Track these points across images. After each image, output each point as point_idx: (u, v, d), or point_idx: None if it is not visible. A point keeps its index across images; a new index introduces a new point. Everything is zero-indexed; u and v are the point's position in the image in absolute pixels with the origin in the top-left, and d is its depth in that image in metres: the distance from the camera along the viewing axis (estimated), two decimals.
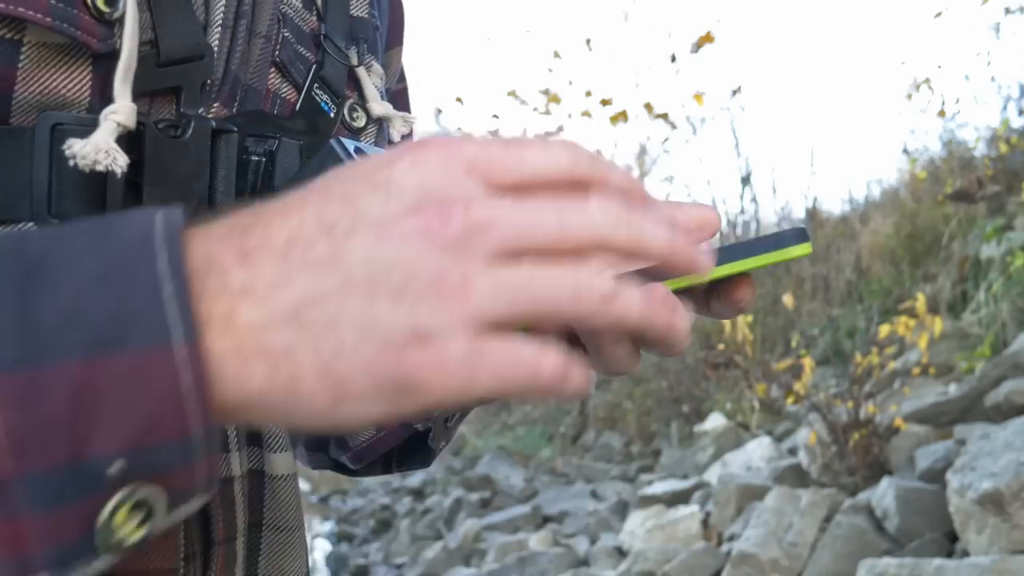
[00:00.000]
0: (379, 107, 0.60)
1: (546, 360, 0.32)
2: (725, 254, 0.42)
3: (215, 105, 0.50)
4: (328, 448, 0.71)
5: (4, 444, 0.30)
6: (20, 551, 0.30)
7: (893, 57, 13.09)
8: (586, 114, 9.80)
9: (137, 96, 0.45)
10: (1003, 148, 5.31)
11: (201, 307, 0.32)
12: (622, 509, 4.67)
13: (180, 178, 0.47)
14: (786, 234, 0.42)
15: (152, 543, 0.45)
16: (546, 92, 10.11)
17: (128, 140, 0.45)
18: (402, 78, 0.76)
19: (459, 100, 10.72)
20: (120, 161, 0.43)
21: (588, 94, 9.82)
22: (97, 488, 0.31)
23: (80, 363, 0.30)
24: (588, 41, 10.08)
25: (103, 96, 0.45)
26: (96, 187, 0.45)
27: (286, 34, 0.55)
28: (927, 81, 6.77)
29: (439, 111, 10.81)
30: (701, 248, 0.36)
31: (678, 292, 0.40)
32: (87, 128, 0.43)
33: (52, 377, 0.30)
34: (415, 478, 7.21)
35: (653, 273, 0.36)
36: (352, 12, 0.61)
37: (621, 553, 3.99)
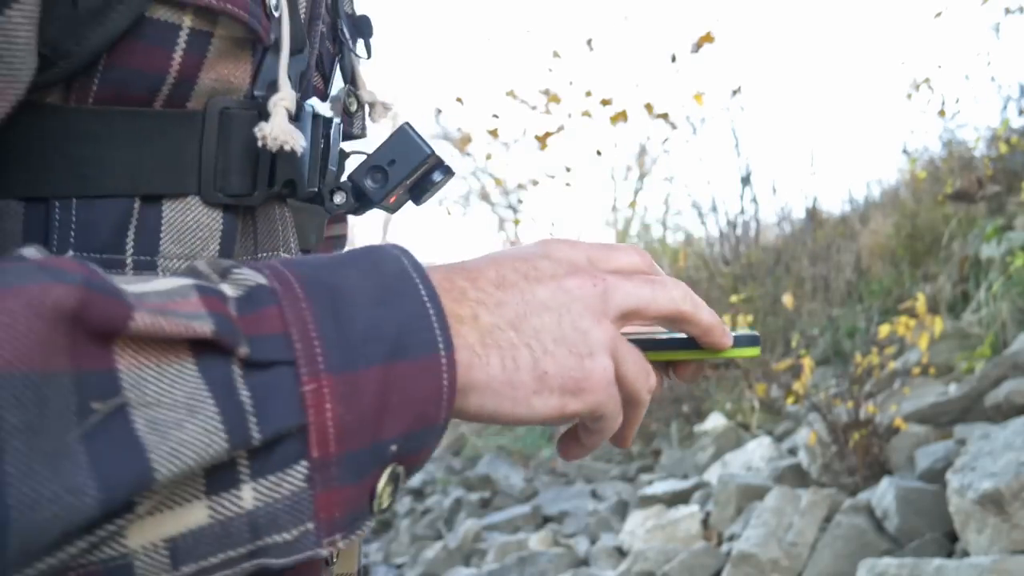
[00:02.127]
0: (367, 94, 0.67)
1: (621, 411, 0.48)
2: (685, 343, 0.54)
3: (297, 94, 0.55)
4: None
5: (333, 431, 0.38)
6: (331, 516, 0.38)
7: (893, 57, 13.09)
8: (586, 114, 9.79)
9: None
10: (1003, 148, 5.31)
11: (454, 309, 0.43)
12: (622, 509, 4.67)
13: (297, 157, 0.53)
14: (743, 337, 0.54)
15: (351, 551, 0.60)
16: (546, 92, 10.11)
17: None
18: None
19: (459, 100, 10.70)
20: (301, 142, 0.50)
21: (588, 94, 9.81)
22: (381, 464, 0.40)
23: (380, 368, 0.39)
24: (588, 41, 10.07)
25: (254, 83, 0.51)
26: (252, 166, 0.51)
27: (323, 29, 0.60)
28: (927, 81, 6.77)
29: (439, 111, 10.80)
30: (727, 331, 0.52)
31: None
32: (248, 112, 0.50)
33: (364, 378, 0.39)
34: (415, 478, 7.21)
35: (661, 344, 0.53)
36: (345, 8, 0.67)
37: (621, 553, 3.99)
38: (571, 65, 12.35)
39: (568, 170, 10.40)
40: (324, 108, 0.57)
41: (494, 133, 10.43)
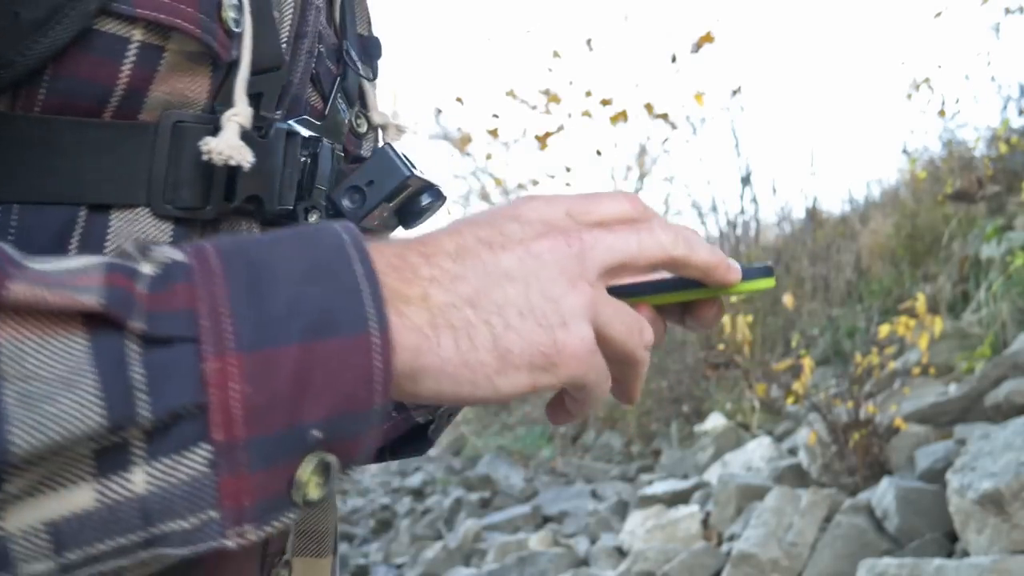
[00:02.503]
0: (378, 116, 0.67)
1: (609, 376, 0.45)
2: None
3: (278, 112, 0.55)
4: None
5: (240, 413, 0.36)
6: (238, 505, 0.36)
7: (893, 57, 13.10)
8: (586, 114, 9.80)
9: None
10: (1003, 148, 5.31)
11: (400, 289, 0.40)
12: (622, 509, 4.67)
13: (264, 174, 0.53)
14: (753, 269, 0.50)
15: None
16: (546, 92, 10.11)
17: None
18: None
19: (459, 100, 10.70)
20: (248, 158, 0.49)
21: (588, 94, 9.82)
22: (300, 450, 0.37)
23: (299, 346, 0.37)
24: (588, 41, 10.07)
25: (215, 98, 0.51)
26: (204, 180, 0.51)
27: (321, 49, 0.60)
28: (927, 81, 6.78)
29: (439, 111, 10.80)
30: (732, 265, 0.48)
31: (659, 308, 0.51)
32: (204, 126, 0.50)
33: (280, 357, 0.36)
34: (415, 478, 7.21)
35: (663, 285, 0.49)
36: (359, 30, 0.67)
37: (621, 553, 3.99)
38: (571, 65, 12.36)
39: (568, 170, 10.40)
40: (304, 127, 0.56)
41: (494, 133, 10.43)
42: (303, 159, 0.56)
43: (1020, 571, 2.29)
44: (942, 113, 6.54)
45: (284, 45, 0.55)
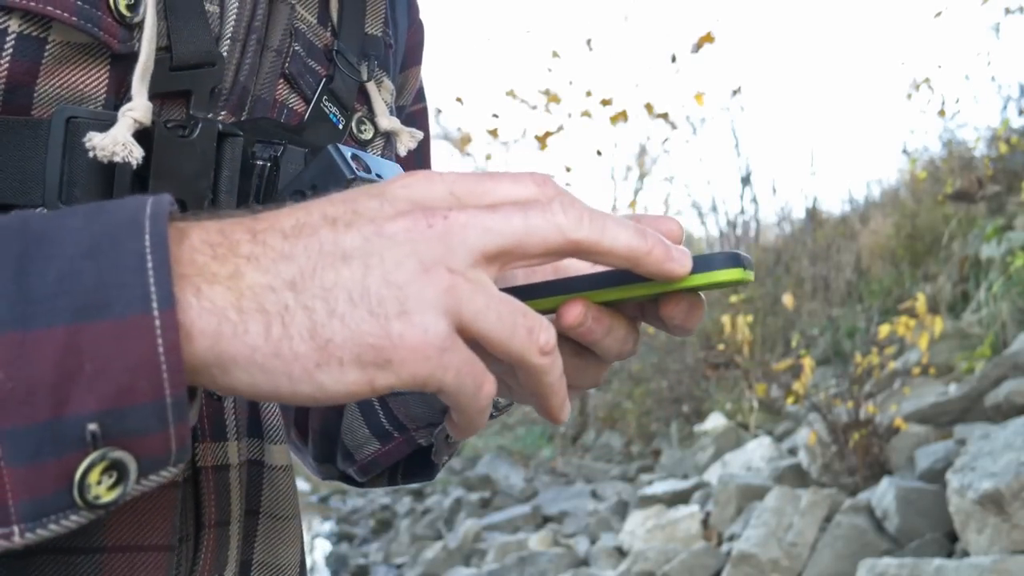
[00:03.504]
0: (386, 121, 0.62)
1: (489, 379, 0.38)
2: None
3: (223, 112, 0.52)
4: (336, 459, 0.73)
5: None
6: (2, 502, 0.33)
7: (893, 57, 13.10)
8: (586, 114, 9.80)
9: (149, 97, 0.48)
10: (1003, 148, 5.31)
11: (207, 266, 0.36)
12: (622, 509, 4.67)
13: (185, 175, 0.50)
14: (715, 257, 0.41)
15: (147, 520, 0.48)
16: (546, 92, 10.11)
17: (139, 137, 0.47)
18: (420, 97, 0.77)
19: (459, 100, 10.71)
20: (136, 154, 0.46)
21: (588, 94, 9.84)
22: (73, 447, 0.33)
23: (65, 328, 0.33)
24: (588, 41, 10.08)
25: (118, 94, 0.48)
26: (105, 178, 0.47)
27: (297, 48, 0.57)
28: (927, 81, 6.78)
29: (439, 111, 10.80)
30: (675, 254, 0.40)
31: (617, 303, 0.44)
32: (101, 122, 0.46)
33: (39, 339, 0.33)
34: None
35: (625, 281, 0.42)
36: (367, 30, 0.63)
37: (621, 553, 3.99)
38: (571, 65, 12.36)
39: (568, 170, 10.41)
40: (254, 132, 0.53)
41: (494, 133, 10.43)
42: (261, 163, 0.53)
43: (1020, 571, 2.29)
44: (942, 113, 6.55)
45: (228, 41, 0.52)
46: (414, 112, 0.76)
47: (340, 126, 0.59)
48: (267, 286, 0.35)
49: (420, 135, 0.64)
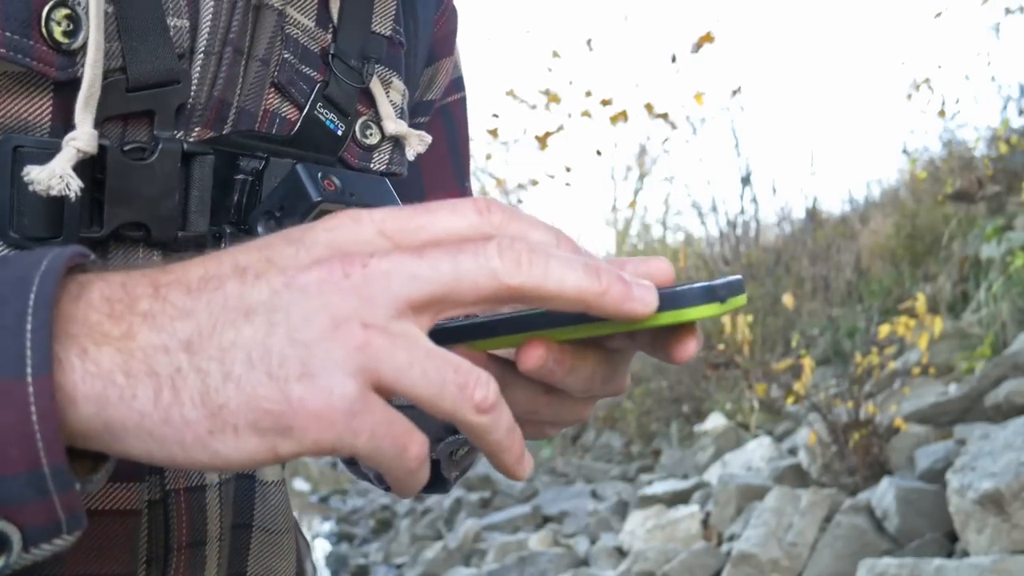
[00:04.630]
0: (393, 125, 0.60)
1: (415, 440, 0.34)
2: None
3: (197, 128, 0.51)
4: (358, 464, 0.72)
5: None
6: None
7: (893, 57, 13.10)
8: (586, 114, 9.80)
9: (108, 120, 0.47)
10: (1003, 148, 5.31)
11: (100, 325, 0.33)
12: (622, 509, 4.67)
13: (145, 199, 0.49)
14: (690, 291, 0.37)
15: (106, 548, 0.46)
16: (546, 92, 10.11)
17: (93, 162, 0.47)
18: (457, 87, 0.74)
19: None
20: (74, 186, 0.44)
21: (588, 94, 9.83)
22: None
23: None
24: (588, 41, 10.08)
25: (66, 121, 0.46)
26: (54, 208, 0.46)
27: (287, 56, 0.55)
28: (927, 81, 6.78)
29: None
30: (635, 293, 0.36)
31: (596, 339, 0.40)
32: (47, 151, 0.45)
33: None
34: None
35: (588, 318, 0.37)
36: (374, 29, 0.60)
37: (621, 553, 3.99)
38: (571, 65, 12.37)
39: (568, 170, 10.42)
40: (233, 147, 0.51)
41: (494, 133, 10.43)
42: (241, 177, 0.52)
43: (1020, 571, 2.29)
44: (942, 113, 6.55)
45: (202, 55, 0.50)
46: (450, 104, 0.72)
47: (339, 132, 0.57)
48: (160, 347, 0.33)
49: (429, 139, 0.62)
